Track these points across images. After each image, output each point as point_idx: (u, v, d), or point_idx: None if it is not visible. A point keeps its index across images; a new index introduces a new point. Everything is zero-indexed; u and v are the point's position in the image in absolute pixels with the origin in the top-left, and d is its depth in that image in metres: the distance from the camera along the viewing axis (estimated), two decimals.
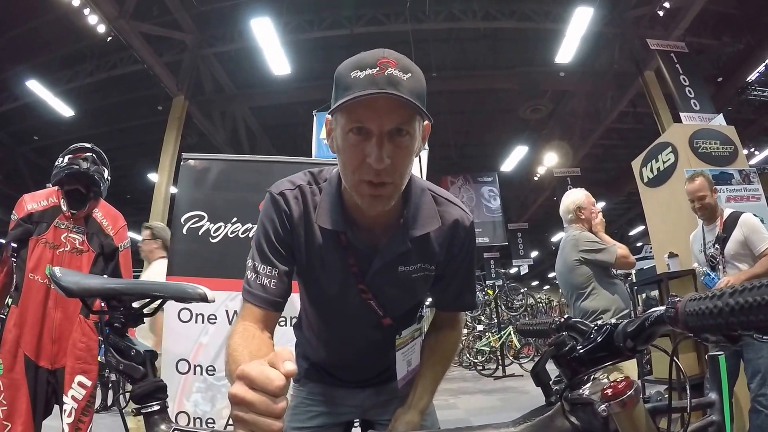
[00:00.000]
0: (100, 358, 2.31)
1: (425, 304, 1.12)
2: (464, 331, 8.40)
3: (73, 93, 8.22)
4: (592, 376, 0.59)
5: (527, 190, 14.08)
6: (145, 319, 0.88)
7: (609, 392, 0.54)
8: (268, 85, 8.69)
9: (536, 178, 12.18)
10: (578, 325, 0.63)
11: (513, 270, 16.08)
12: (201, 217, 2.28)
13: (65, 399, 2.04)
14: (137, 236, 3.69)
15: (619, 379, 0.55)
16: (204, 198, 2.33)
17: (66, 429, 2.01)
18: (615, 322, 0.58)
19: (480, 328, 9.25)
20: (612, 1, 7.51)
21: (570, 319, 0.65)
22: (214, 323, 2.19)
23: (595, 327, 0.60)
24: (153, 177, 8.83)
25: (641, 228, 14.58)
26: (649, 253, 6.72)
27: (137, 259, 3.00)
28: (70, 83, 8.14)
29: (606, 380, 0.58)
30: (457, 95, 9.46)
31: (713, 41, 8.01)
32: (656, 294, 4.59)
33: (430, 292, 1.02)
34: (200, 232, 2.27)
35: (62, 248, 2.13)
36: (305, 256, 0.90)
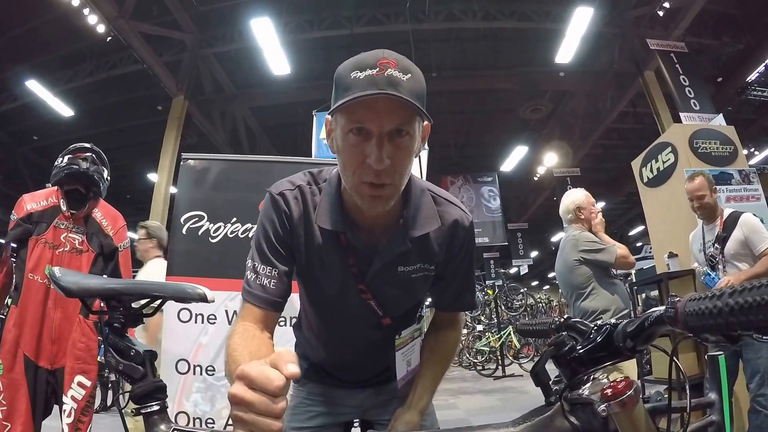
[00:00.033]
0: (100, 358, 2.31)
1: (425, 304, 1.12)
2: (464, 331, 8.37)
3: (72, 93, 8.22)
4: (592, 376, 0.59)
5: (527, 190, 14.08)
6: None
7: (609, 392, 0.54)
8: (268, 85, 8.68)
9: (536, 178, 12.18)
10: (578, 325, 0.63)
11: (513, 270, 16.10)
12: (201, 217, 2.28)
13: (65, 399, 2.04)
14: (137, 236, 3.68)
15: (618, 379, 0.55)
16: (204, 198, 2.33)
17: (65, 429, 2.01)
18: (615, 322, 0.58)
19: (480, 328, 9.25)
20: (612, 1, 7.51)
21: (570, 319, 0.65)
22: (214, 323, 2.19)
23: (595, 327, 0.60)
24: (153, 177, 8.83)
25: (641, 228, 14.57)
26: (648, 253, 6.72)
27: (137, 259, 3.00)
28: (69, 83, 8.14)
29: (606, 380, 0.58)
30: (457, 95, 9.46)
31: (713, 41, 8.01)
32: (656, 294, 4.59)
33: (429, 292, 1.02)
34: (200, 232, 2.27)
35: (62, 248, 2.13)
36: (305, 257, 0.90)
